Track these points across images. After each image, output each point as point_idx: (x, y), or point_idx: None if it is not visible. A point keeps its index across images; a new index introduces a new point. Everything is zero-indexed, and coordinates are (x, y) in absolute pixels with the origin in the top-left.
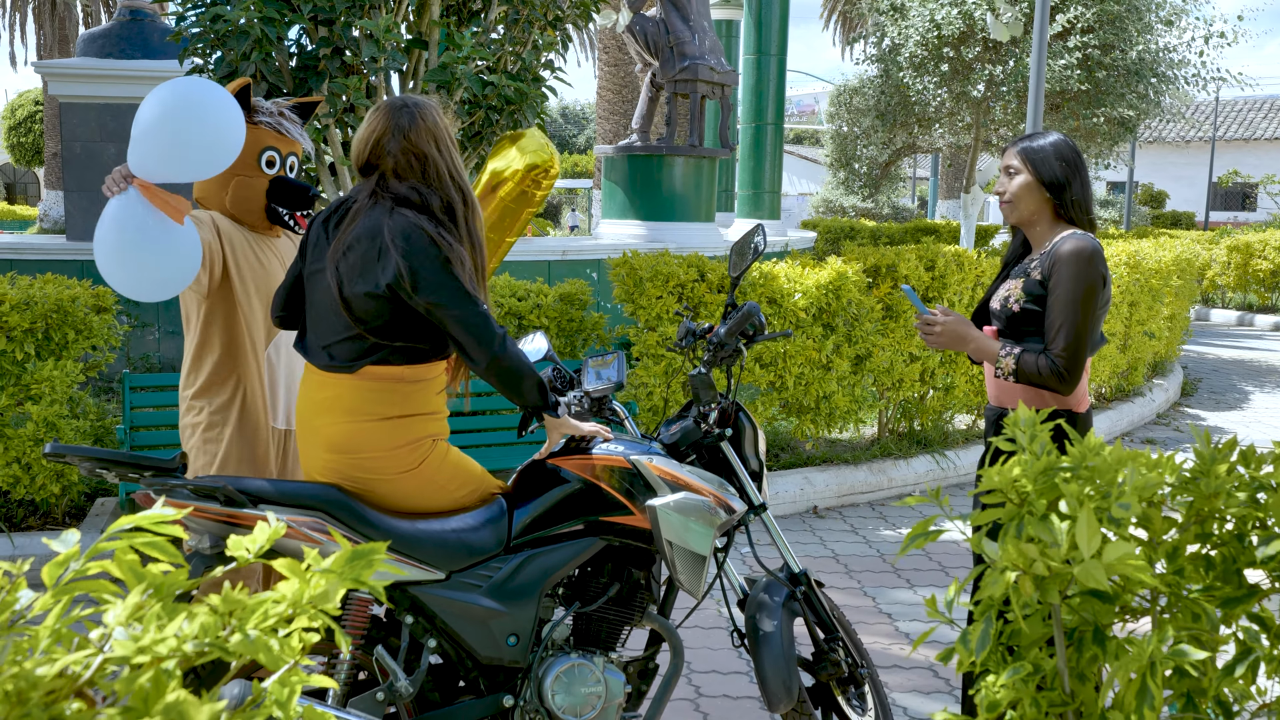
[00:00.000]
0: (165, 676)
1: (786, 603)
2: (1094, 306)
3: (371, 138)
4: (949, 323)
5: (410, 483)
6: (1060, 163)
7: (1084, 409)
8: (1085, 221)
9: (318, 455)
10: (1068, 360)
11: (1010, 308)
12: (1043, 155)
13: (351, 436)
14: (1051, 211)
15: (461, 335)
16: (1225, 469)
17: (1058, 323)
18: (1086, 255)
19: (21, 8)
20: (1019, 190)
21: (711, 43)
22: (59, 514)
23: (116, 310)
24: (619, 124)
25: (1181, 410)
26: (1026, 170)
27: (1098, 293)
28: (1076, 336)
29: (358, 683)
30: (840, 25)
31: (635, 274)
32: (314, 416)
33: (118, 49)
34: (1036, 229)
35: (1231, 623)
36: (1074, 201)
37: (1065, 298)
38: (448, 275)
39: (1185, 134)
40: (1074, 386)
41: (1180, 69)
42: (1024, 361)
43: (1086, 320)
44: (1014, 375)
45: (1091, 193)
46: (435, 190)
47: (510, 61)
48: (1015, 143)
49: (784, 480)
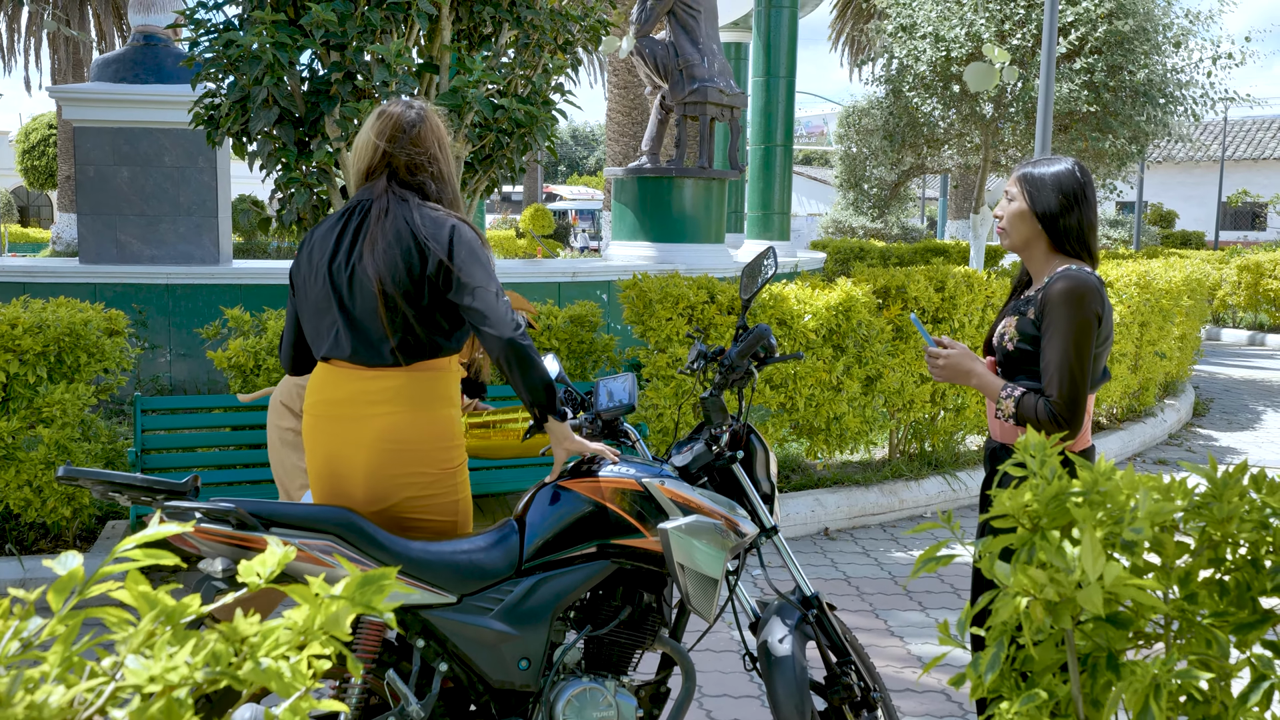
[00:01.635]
0: (177, 705)
1: (798, 626)
2: (1089, 348)
3: (384, 136)
4: (953, 356)
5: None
6: (1058, 193)
7: (1082, 448)
8: (1084, 254)
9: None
10: (1065, 407)
11: (1005, 346)
12: (1040, 184)
13: (408, 427)
14: (1046, 242)
15: (488, 310)
16: (1238, 494)
17: (1053, 368)
18: (1077, 295)
19: (36, 33)
20: (1012, 218)
21: (720, 65)
22: (70, 537)
23: (128, 333)
24: (629, 146)
25: (1193, 430)
26: (1022, 198)
27: (1092, 332)
28: (1073, 382)
29: (369, 707)
30: (849, 47)
31: (645, 296)
32: (369, 406)
33: (131, 74)
34: (1033, 258)
35: (1245, 649)
36: (1069, 233)
37: (1058, 343)
38: (480, 255)
39: (1194, 154)
40: (1075, 432)
41: (1188, 89)
42: (1024, 405)
43: (1083, 362)
44: (1014, 418)
45: (1093, 224)
46: (442, 188)
47: (521, 85)
48: (1021, 166)
49: (795, 502)
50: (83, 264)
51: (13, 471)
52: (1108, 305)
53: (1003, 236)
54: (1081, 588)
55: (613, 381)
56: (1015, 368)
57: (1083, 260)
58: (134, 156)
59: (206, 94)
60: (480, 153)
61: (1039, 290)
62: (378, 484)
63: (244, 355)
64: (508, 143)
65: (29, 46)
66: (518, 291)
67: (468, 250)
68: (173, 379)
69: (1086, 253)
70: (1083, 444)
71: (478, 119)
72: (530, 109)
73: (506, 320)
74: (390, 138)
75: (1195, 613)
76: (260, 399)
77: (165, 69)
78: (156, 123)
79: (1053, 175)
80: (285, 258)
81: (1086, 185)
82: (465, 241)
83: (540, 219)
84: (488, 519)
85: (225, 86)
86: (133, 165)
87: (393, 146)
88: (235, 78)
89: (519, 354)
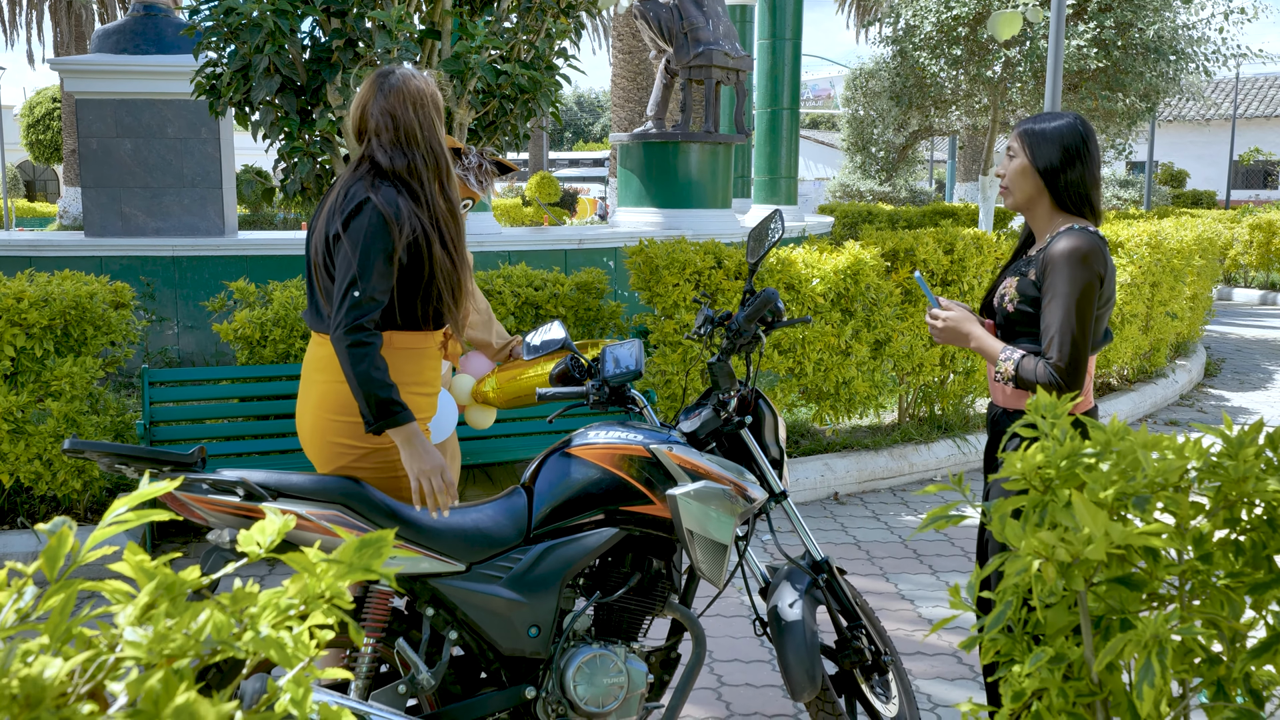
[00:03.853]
0: (176, 677)
1: (809, 590)
2: (1090, 308)
3: (359, 103)
4: (952, 317)
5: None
6: (1060, 148)
7: (1085, 409)
8: (1087, 211)
9: (307, 413)
10: (1067, 369)
11: (1005, 307)
12: (1042, 138)
13: (336, 396)
14: (1049, 199)
15: (333, 300)
16: (1254, 452)
17: (1053, 329)
18: (1080, 254)
19: (38, 5)
20: (1014, 175)
21: (726, 28)
22: (80, 510)
23: (135, 306)
24: (634, 111)
25: (1205, 391)
26: (1023, 154)
27: (1094, 293)
28: (1074, 344)
29: (379, 675)
30: (855, 8)
31: (652, 262)
32: (313, 371)
33: (132, 44)
34: (1035, 217)
35: (1261, 609)
36: (1071, 188)
37: (1060, 303)
38: (359, 244)
39: (1205, 112)
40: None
41: (1200, 46)
42: (1023, 368)
43: (1084, 324)
44: (1013, 381)
45: (1097, 180)
46: (405, 152)
47: (524, 50)
48: (1021, 123)
49: (804, 467)
50: (88, 237)
51: (22, 445)
52: (1110, 265)
53: (1005, 196)
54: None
55: (619, 348)
56: (1015, 330)
57: (1086, 218)
58: (136, 128)
59: (208, 63)
60: (484, 119)
61: (1040, 250)
62: (319, 449)
63: (250, 327)
64: (511, 109)
65: (31, 20)
66: (525, 260)
67: (351, 236)
68: (180, 351)
69: (1090, 210)
70: (1085, 406)
71: (480, 85)
72: (534, 74)
73: (340, 314)
74: (362, 105)
75: (1210, 573)
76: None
77: (166, 39)
78: (158, 94)
79: (1054, 129)
80: (291, 229)
81: (1089, 139)
82: (355, 227)
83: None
84: (496, 487)
85: (226, 56)
86: (135, 137)
87: (364, 112)
88: (236, 46)
89: (342, 352)
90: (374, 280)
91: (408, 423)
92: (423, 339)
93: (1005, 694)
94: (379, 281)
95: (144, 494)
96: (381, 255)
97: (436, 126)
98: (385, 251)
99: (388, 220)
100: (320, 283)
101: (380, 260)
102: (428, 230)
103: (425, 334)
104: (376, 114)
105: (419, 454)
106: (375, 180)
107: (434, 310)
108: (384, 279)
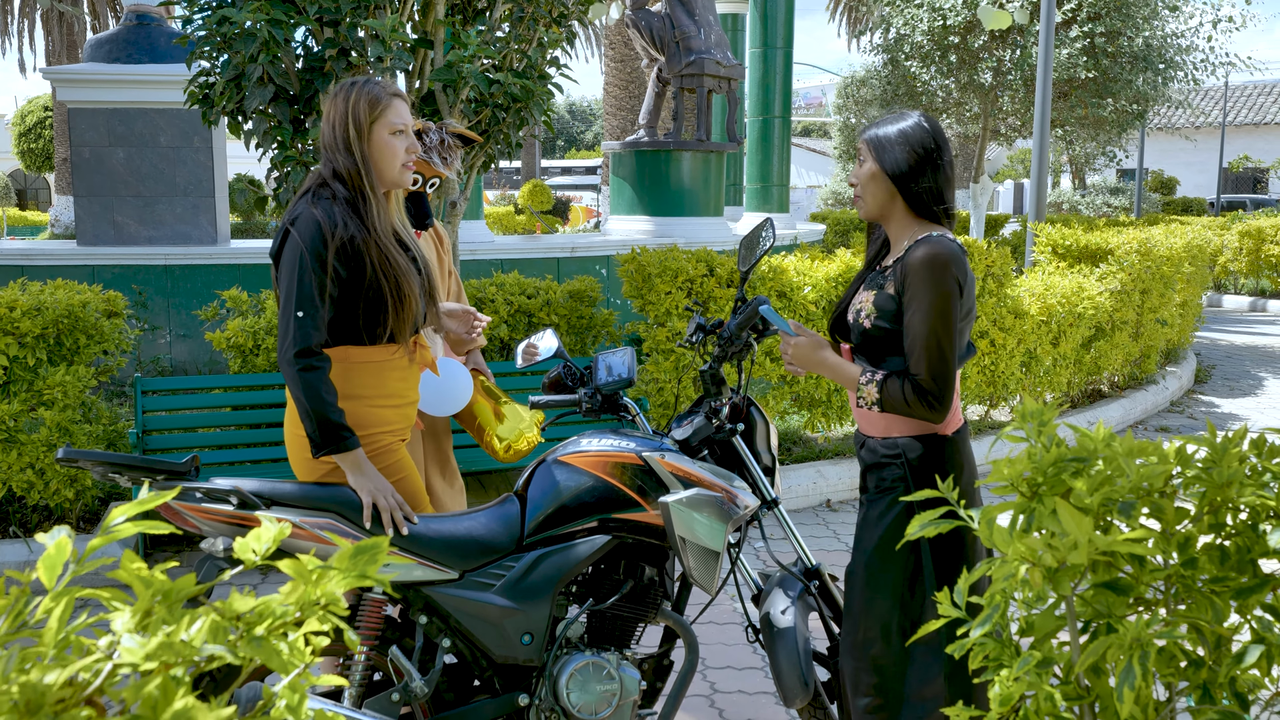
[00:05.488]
0: (174, 683)
1: (801, 597)
2: (954, 318)
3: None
4: (800, 344)
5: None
6: (907, 149)
7: (952, 430)
8: (941, 215)
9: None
10: (936, 385)
11: (862, 324)
12: (888, 141)
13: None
14: (903, 205)
15: (278, 325)
16: (1238, 458)
17: (918, 343)
18: (941, 262)
19: (30, 14)
20: (864, 182)
21: (717, 36)
22: (73, 519)
23: (127, 315)
24: (626, 119)
25: (1195, 397)
26: (871, 158)
27: (954, 303)
28: (941, 357)
29: (373, 683)
30: (846, 16)
31: (644, 270)
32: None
33: (125, 54)
34: (891, 224)
35: (1246, 613)
36: (924, 194)
37: (922, 315)
38: (292, 265)
39: (1195, 120)
40: (946, 412)
41: (1188, 55)
42: (888, 390)
43: (949, 335)
44: (878, 405)
45: (950, 180)
46: (330, 158)
47: (516, 59)
48: (866, 128)
49: (797, 474)
50: (80, 246)
51: (14, 454)
52: (970, 275)
53: (860, 207)
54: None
55: (612, 356)
56: (878, 349)
57: (943, 224)
58: (129, 137)
59: (201, 73)
60: (476, 128)
61: (899, 260)
62: (296, 466)
63: (243, 335)
64: (504, 118)
65: (23, 28)
66: (517, 268)
67: (286, 259)
68: (173, 360)
69: (946, 215)
70: (955, 425)
71: (473, 94)
72: (526, 83)
73: (285, 339)
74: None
75: (1195, 578)
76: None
77: (159, 48)
78: (151, 103)
79: (900, 130)
80: None
81: (937, 137)
82: (287, 250)
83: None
84: (489, 494)
85: (219, 65)
86: (128, 146)
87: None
88: (229, 56)
89: (292, 377)
90: (314, 298)
91: (354, 450)
92: (380, 351)
93: (993, 698)
94: (320, 298)
95: (142, 503)
96: (316, 271)
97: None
98: (318, 265)
99: (319, 231)
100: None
101: (317, 276)
102: (363, 237)
103: (382, 346)
104: (324, 125)
105: (367, 477)
106: (317, 191)
107: (382, 320)
108: (323, 295)
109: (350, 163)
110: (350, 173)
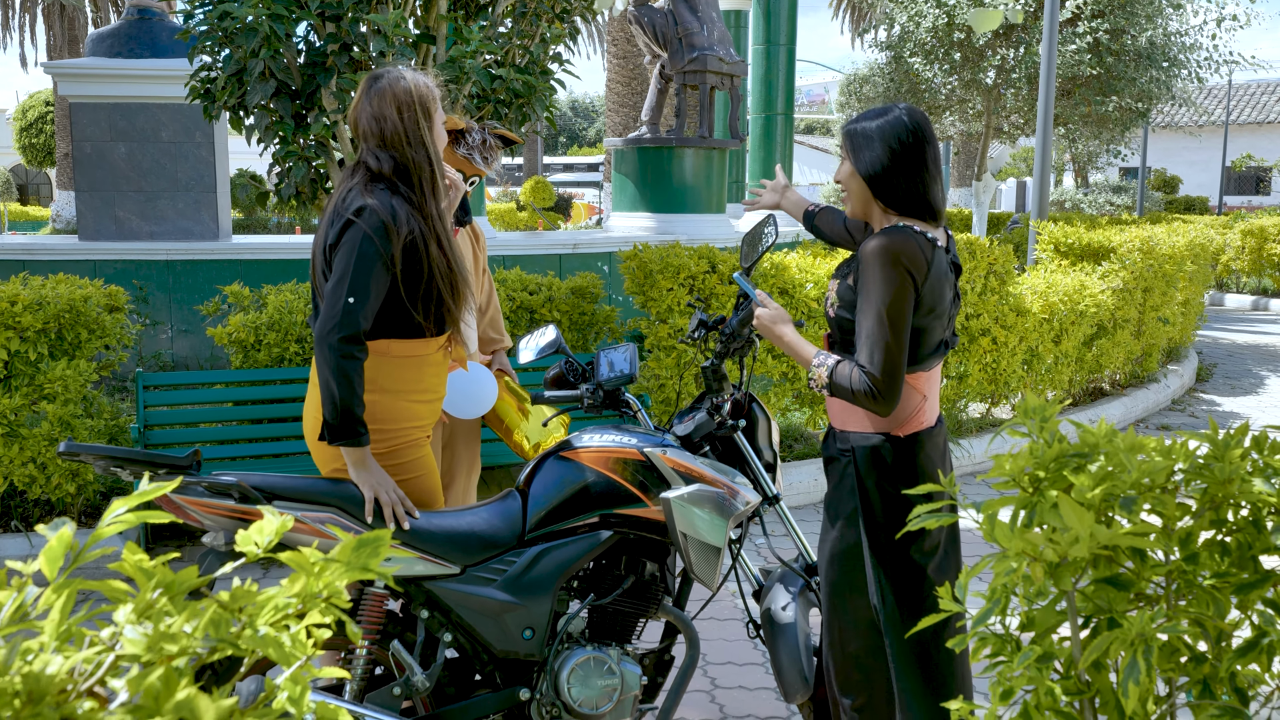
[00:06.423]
0: (176, 674)
1: (802, 593)
2: (904, 312)
3: (352, 107)
4: (763, 314)
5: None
6: (883, 146)
7: (910, 432)
8: (924, 213)
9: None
10: (880, 376)
11: (828, 312)
12: (864, 139)
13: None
14: (881, 204)
15: (324, 304)
16: (1240, 454)
17: (864, 334)
18: (891, 254)
19: (31, 9)
20: (844, 179)
21: (720, 33)
22: (75, 513)
23: (129, 309)
24: (629, 116)
25: (1197, 396)
26: (848, 156)
27: (907, 295)
28: (886, 350)
29: (374, 677)
30: (849, 13)
31: (646, 266)
32: (311, 387)
33: (126, 48)
34: (873, 221)
35: (1247, 608)
36: (901, 193)
37: (869, 306)
38: (353, 252)
39: (1198, 118)
40: (891, 406)
41: (1192, 53)
42: (838, 374)
43: (896, 328)
44: (828, 388)
45: (934, 174)
46: (392, 152)
47: (518, 55)
48: (846, 123)
49: (798, 471)
50: (82, 241)
51: (16, 448)
52: (937, 269)
53: (846, 206)
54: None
55: (614, 352)
56: (846, 338)
57: (926, 221)
58: (131, 132)
59: (202, 67)
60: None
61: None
62: (321, 449)
63: (244, 331)
64: (506, 114)
65: (24, 22)
66: (519, 265)
67: (346, 245)
68: (174, 355)
69: (930, 211)
70: (913, 426)
71: (475, 90)
72: (528, 79)
73: (330, 322)
74: (354, 109)
75: (1196, 573)
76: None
77: (160, 43)
78: (152, 98)
79: (878, 126)
80: (285, 233)
81: (920, 131)
82: (348, 238)
83: (540, 191)
84: (491, 490)
85: (221, 60)
86: (130, 141)
87: (354, 115)
88: (231, 51)
89: (327, 355)
90: (370, 288)
91: (364, 445)
92: (422, 346)
93: (994, 692)
94: (375, 289)
95: (144, 494)
96: (378, 262)
97: (422, 127)
98: (381, 258)
99: (386, 224)
100: (322, 288)
101: (377, 268)
102: (424, 231)
103: (425, 341)
104: (365, 118)
105: (370, 472)
106: (369, 184)
107: (435, 314)
108: (379, 287)
109: (421, 155)
110: (418, 164)
